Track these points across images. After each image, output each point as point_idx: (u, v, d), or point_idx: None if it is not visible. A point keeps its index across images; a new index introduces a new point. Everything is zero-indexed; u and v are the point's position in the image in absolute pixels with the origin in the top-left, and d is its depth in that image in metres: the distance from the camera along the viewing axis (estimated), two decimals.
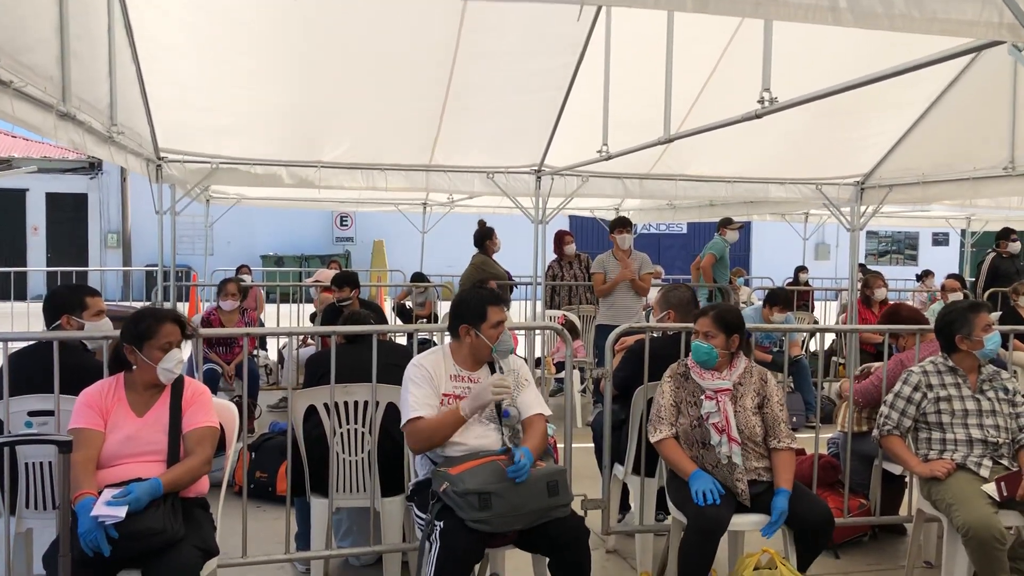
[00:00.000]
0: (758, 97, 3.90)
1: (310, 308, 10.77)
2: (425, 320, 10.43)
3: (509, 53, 5.84)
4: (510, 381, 3.53)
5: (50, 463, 3.52)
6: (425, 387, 3.55)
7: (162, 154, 6.68)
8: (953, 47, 2.77)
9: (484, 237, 9.03)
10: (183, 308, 12.89)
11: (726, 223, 9.96)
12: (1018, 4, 2.02)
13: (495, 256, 9.15)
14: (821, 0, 2.11)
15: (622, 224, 7.99)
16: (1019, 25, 2.06)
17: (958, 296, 8.38)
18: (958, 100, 6.19)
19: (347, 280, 7.42)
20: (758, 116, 4.02)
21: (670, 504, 3.95)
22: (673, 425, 3.88)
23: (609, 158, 6.09)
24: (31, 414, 3.59)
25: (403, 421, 3.55)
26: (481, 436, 3.54)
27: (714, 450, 3.75)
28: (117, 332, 3.51)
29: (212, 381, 6.73)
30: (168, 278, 8.05)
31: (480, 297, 3.70)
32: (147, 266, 17.58)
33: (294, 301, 11.52)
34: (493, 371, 3.68)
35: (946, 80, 6.09)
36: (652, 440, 3.91)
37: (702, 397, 3.83)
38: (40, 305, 4.23)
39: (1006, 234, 10.21)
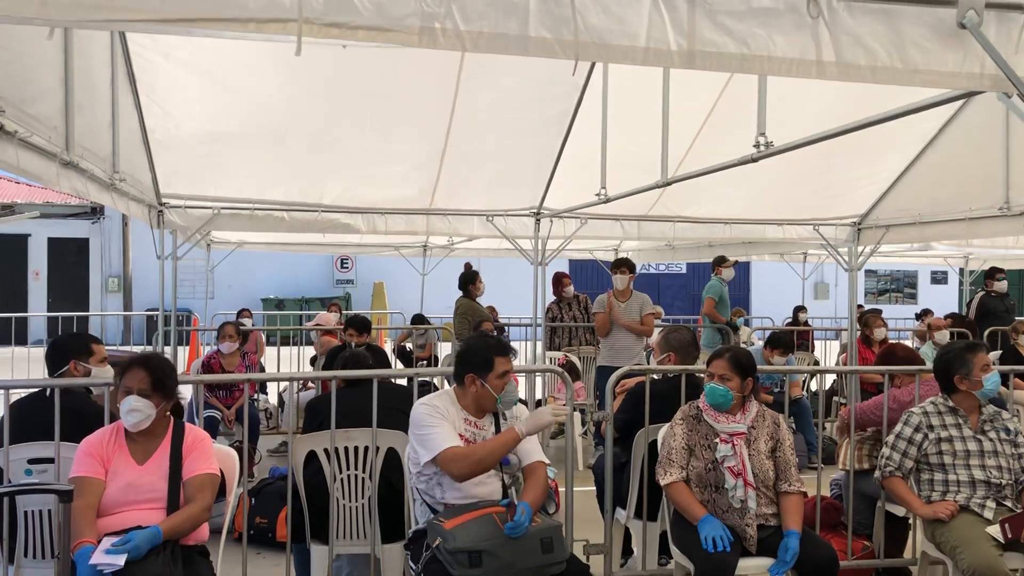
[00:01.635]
0: (754, 141, 3.96)
1: (311, 351, 10.77)
2: (425, 362, 10.43)
3: (507, 99, 5.91)
4: (567, 407, 3.69)
5: (49, 511, 3.51)
6: (444, 422, 3.50)
7: (163, 200, 6.74)
8: (944, 92, 2.83)
9: (468, 281, 9.04)
10: (184, 352, 12.89)
11: (720, 262, 9.98)
12: (999, 54, 2.08)
13: (480, 299, 9.19)
14: (806, 54, 2.17)
15: (616, 265, 8.01)
16: (1000, 75, 2.11)
17: (944, 335, 8.38)
18: (952, 141, 6.25)
19: (366, 326, 7.47)
20: (754, 160, 4.07)
21: (673, 548, 3.92)
22: (683, 468, 3.86)
23: (607, 201, 6.15)
24: (31, 462, 3.59)
25: (431, 455, 3.42)
26: (481, 483, 3.52)
27: (727, 494, 3.74)
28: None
29: (211, 427, 6.72)
30: (169, 323, 8.07)
31: (487, 346, 3.68)
32: (148, 310, 17.61)
33: (294, 344, 11.52)
34: (497, 421, 3.68)
35: (940, 121, 6.16)
36: (661, 483, 3.88)
37: (716, 440, 3.82)
38: (40, 350, 4.25)
39: (992, 273, 10.28)
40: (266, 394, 9.64)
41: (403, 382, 6.78)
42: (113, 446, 3.33)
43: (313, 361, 9.99)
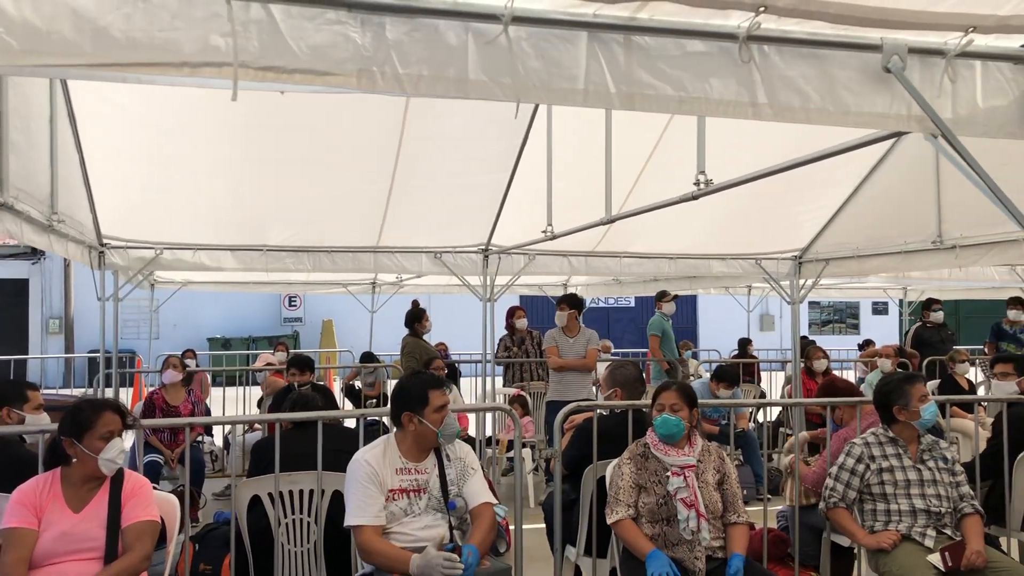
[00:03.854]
0: (694, 179, 4.03)
1: (258, 391, 10.59)
2: (375, 400, 10.32)
3: (454, 138, 5.94)
4: (460, 566, 3.24)
5: None
6: (370, 487, 3.46)
7: (105, 241, 6.61)
8: (876, 132, 2.91)
9: (414, 319, 8.97)
10: (127, 394, 12.58)
11: (661, 296, 10.09)
12: (923, 98, 2.16)
13: (426, 336, 9.16)
14: (741, 96, 2.23)
15: (559, 302, 7.98)
16: (925, 117, 2.20)
17: (886, 363, 8.54)
18: (886, 177, 6.43)
19: (309, 364, 7.37)
20: (695, 198, 4.14)
21: None
22: (631, 507, 3.86)
23: (554, 238, 6.19)
24: None
25: (347, 521, 3.48)
26: (428, 527, 3.48)
27: (678, 526, 3.75)
28: (55, 425, 3.43)
29: (154, 473, 6.55)
30: (110, 365, 7.89)
31: (420, 381, 3.64)
32: (89, 352, 17.20)
33: (241, 384, 11.33)
34: (440, 459, 3.64)
35: (875, 158, 6.33)
36: (609, 521, 3.88)
37: (667, 474, 3.83)
38: None
39: (929, 304, 10.55)
40: (211, 436, 9.45)
41: (351, 422, 6.70)
42: (47, 494, 3.23)
43: (260, 403, 9.84)
